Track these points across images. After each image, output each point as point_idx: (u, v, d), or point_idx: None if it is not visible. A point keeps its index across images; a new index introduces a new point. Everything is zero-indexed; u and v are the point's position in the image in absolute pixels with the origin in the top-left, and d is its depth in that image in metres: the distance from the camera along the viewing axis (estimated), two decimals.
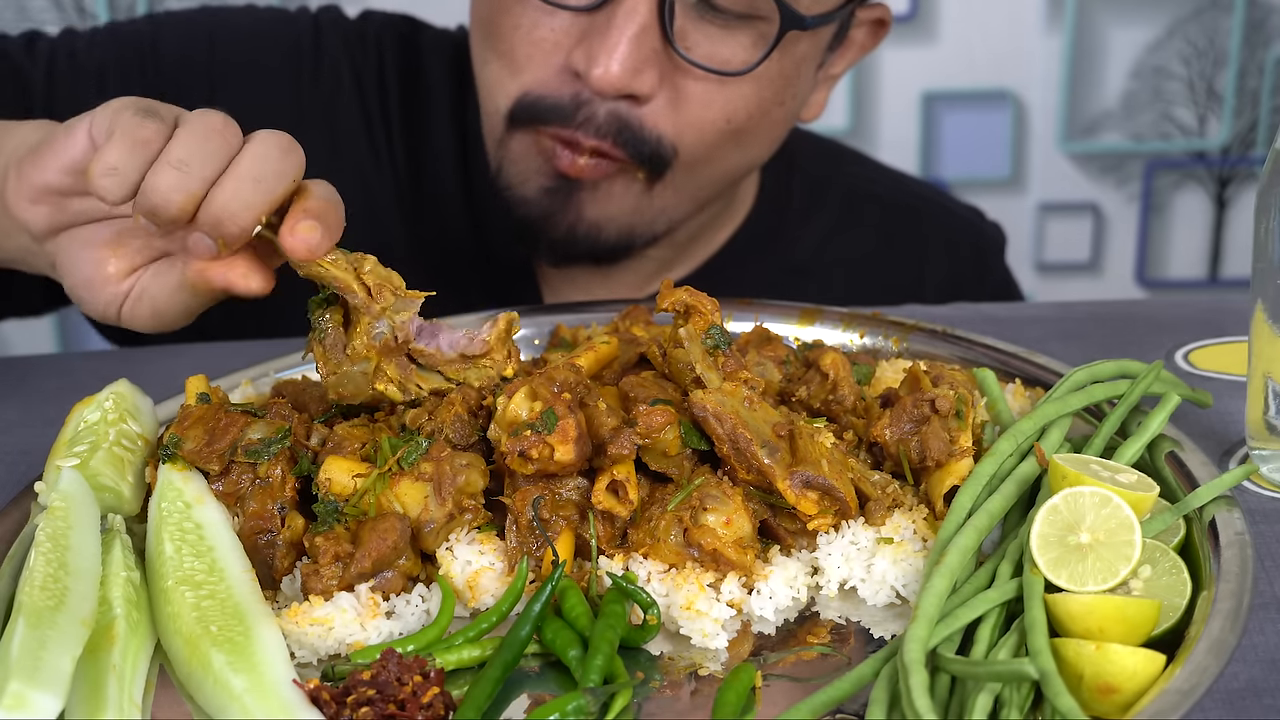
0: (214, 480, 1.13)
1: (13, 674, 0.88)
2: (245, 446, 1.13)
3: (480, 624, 1.04)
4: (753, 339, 1.31)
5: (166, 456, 1.14)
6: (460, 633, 1.04)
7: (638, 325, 1.35)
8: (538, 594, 1.03)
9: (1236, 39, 3.17)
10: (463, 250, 1.77)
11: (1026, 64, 3.17)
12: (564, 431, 1.07)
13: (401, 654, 0.98)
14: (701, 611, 1.05)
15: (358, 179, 1.75)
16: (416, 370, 1.17)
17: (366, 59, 1.77)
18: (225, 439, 1.13)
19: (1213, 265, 3.38)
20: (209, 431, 1.14)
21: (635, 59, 1.42)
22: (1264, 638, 1.01)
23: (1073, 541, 0.99)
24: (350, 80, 1.75)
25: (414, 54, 1.79)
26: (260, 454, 1.12)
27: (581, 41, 1.45)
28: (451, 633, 1.05)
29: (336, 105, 1.75)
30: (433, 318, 1.21)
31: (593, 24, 1.45)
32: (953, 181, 3.25)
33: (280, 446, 1.13)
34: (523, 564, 1.07)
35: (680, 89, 1.47)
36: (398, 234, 1.76)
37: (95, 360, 1.63)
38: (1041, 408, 1.17)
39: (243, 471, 1.13)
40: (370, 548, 1.07)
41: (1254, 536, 1.04)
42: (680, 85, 1.47)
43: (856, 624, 1.08)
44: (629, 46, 1.42)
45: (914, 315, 1.46)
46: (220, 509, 1.11)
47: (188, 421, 1.15)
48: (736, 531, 1.08)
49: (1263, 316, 1.15)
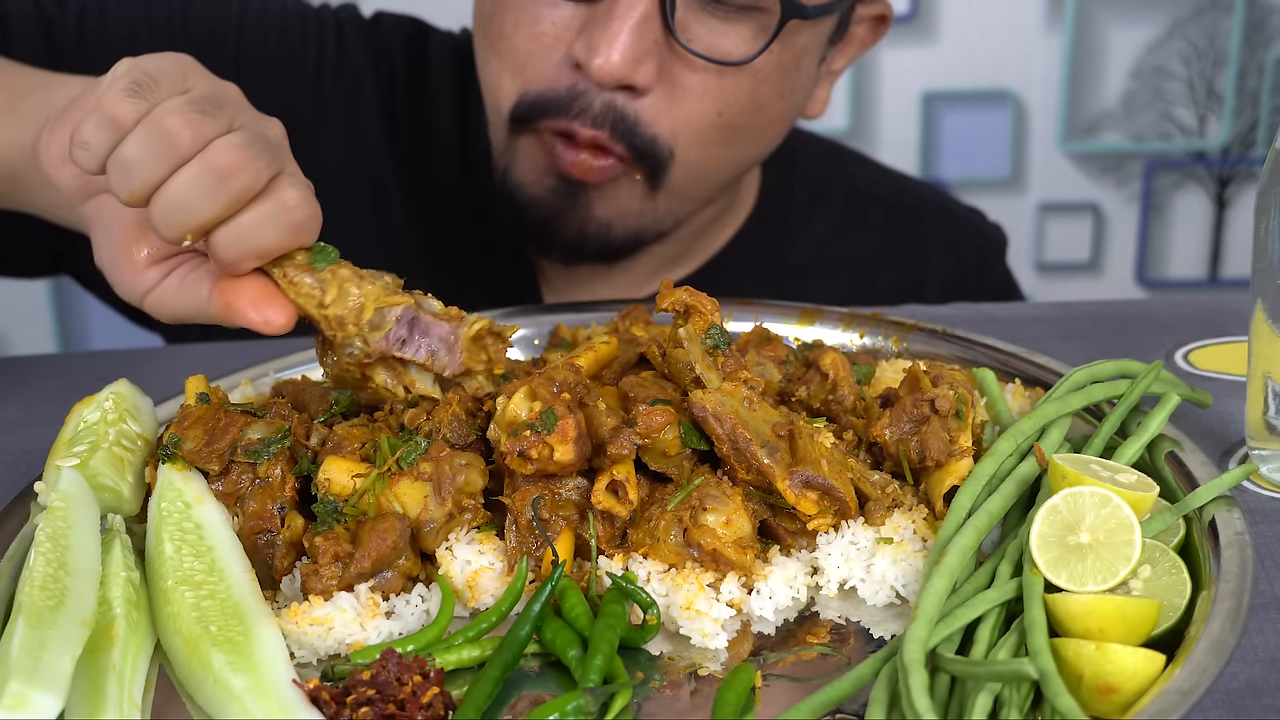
0: (214, 480, 1.13)
1: (12, 674, 0.88)
2: (245, 446, 1.13)
3: (480, 624, 1.04)
4: (752, 339, 1.31)
5: (166, 456, 1.14)
6: (460, 633, 1.04)
7: (637, 325, 1.35)
8: (537, 594, 1.03)
9: (1236, 39, 3.17)
10: (465, 248, 1.78)
11: (1026, 64, 3.18)
12: (563, 431, 1.07)
13: (401, 654, 0.98)
14: (701, 611, 1.05)
15: (370, 175, 1.76)
16: (407, 373, 1.15)
17: (380, 59, 1.78)
18: (225, 439, 1.13)
19: (1213, 265, 3.38)
20: (209, 431, 1.14)
21: (636, 49, 1.43)
22: (1264, 638, 1.01)
23: (1072, 541, 0.99)
24: (369, 79, 1.76)
25: (421, 57, 1.80)
26: (260, 454, 1.12)
27: (582, 32, 1.46)
28: (451, 633, 1.05)
29: (356, 103, 1.76)
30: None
31: (594, 15, 1.45)
32: (953, 181, 3.25)
33: (280, 446, 1.13)
34: (522, 564, 1.07)
35: (677, 82, 1.48)
36: (406, 231, 1.77)
37: (95, 360, 1.63)
38: (1041, 408, 1.17)
39: (242, 471, 1.13)
40: (370, 548, 1.07)
41: (1254, 536, 1.04)
42: (677, 78, 1.48)
43: (856, 624, 1.08)
44: (630, 36, 1.42)
45: (914, 315, 1.46)
46: (220, 509, 1.11)
47: (187, 421, 1.15)
48: (736, 531, 1.08)
49: (1263, 316, 1.15)
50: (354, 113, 1.76)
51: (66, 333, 3.27)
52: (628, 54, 1.42)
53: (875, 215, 1.89)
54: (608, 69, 1.42)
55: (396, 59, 1.78)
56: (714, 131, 1.52)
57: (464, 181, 1.76)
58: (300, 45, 1.76)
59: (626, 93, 1.47)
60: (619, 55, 1.42)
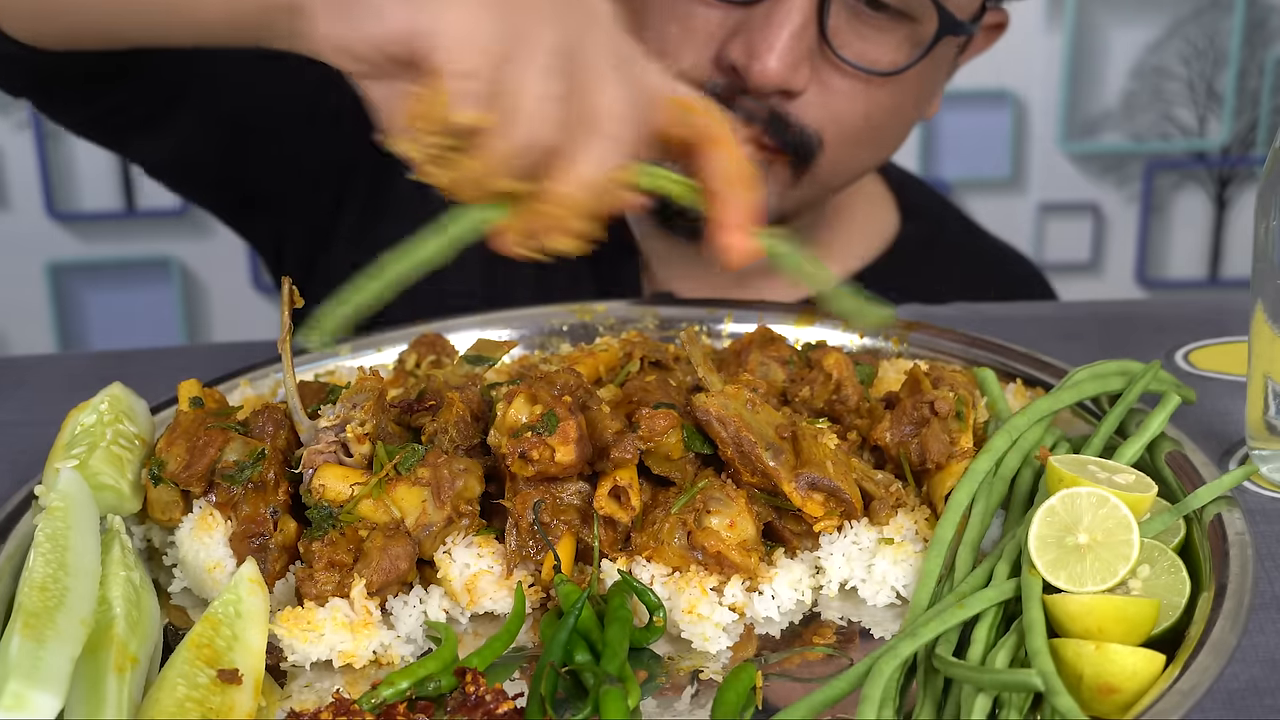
0: (203, 495, 1.12)
1: (12, 674, 0.88)
2: (222, 470, 1.12)
3: (495, 646, 1.04)
4: (756, 339, 1.31)
5: (155, 479, 1.13)
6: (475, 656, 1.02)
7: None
8: (563, 623, 1.02)
9: (1236, 39, 3.18)
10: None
11: (1026, 64, 3.18)
12: (564, 433, 1.07)
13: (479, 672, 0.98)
14: (703, 615, 1.05)
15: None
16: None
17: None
18: (203, 460, 1.12)
19: (1213, 265, 3.38)
20: (189, 450, 1.14)
21: (794, 55, 1.44)
22: (1264, 638, 1.01)
23: (1071, 542, 0.99)
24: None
25: None
26: (234, 479, 1.11)
27: (737, 35, 1.47)
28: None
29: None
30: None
31: (749, 19, 1.46)
32: (953, 181, 3.26)
33: (254, 471, 1.12)
34: (519, 589, 1.07)
35: (827, 84, 1.50)
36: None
37: (95, 360, 1.63)
38: (1035, 404, 1.17)
39: (232, 483, 1.12)
40: (380, 568, 1.06)
41: (1254, 536, 1.04)
42: (827, 81, 1.50)
43: (858, 624, 1.08)
44: (789, 43, 1.44)
45: (914, 315, 1.45)
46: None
47: (175, 434, 1.15)
48: (740, 534, 1.08)
49: (1263, 316, 1.15)
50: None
51: (66, 333, 3.27)
52: (786, 60, 1.44)
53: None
54: (767, 76, 1.44)
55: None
56: (861, 133, 1.54)
57: None
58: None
59: (782, 95, 1.49)
60: (777, 62, 1.44)
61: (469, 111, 0.94)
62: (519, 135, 0.96)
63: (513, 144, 0.96)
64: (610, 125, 0.98)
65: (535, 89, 0.96)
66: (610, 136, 0.98)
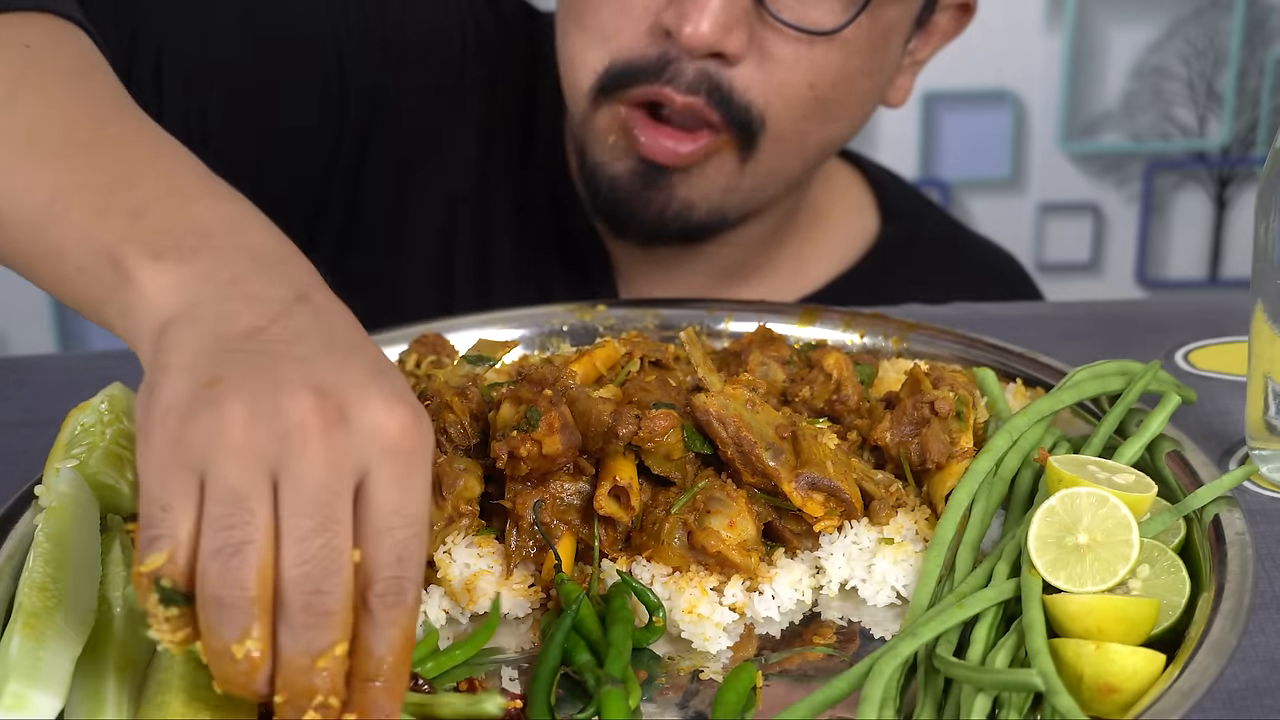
0: None
1: (12, 674, 0.88)
2: None
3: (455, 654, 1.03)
4: (756, 339, 1.31)
5: None
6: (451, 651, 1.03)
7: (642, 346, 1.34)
8: (560, 623, 1.03)
9: (1236, 39, 3.18)
10: (549, 232, 1.77)
11: (1026, 64, 3.18)
12: (549, 424, 1.07)
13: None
14: (704, 615, 1.05)
15: (471, 154, 1.75)
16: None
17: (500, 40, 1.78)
18: None
19: (1213, 265, 3.39)
20: None
21: (727, 16, 1.44)
22: (1264, 638, 1.01)
23: (1070, 542, 0.99)
24: (500, 62, 1.76)
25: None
26: None
27: (672, 2, 1.47)
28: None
29: (494, 87, 1.76)
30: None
31: None
32: (953, 181, 3.26)
33: None
34: (496, 601, 1.07)
35: (767, 51, 1.49)
36: (502, 210, 1.76)
37: (95, 360, 1.63)
38: (1035, 404, 1.17)
39: None
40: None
41: (1254, 536, 1.04)
42: (767, 48, 1.48)
43: (858, 624, 1.08)
44: (720, 4, 1.43)
45: (914, 315, 1.46)
46: None
47: None
48: (740, 534, 1.08)
49: (1263, 316, 1.15)
50: (494, 95, 1.75)
51: (66, 333, 3.27)
52: (718, 20, 1.43)
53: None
54: (699, 36, 1.43)
55: (514, 39, 1.78)
56: (807, 105, 1.52)
57: (551, 161, 1.75)
58: (447, 26, 1.74)
59: (718, 60, 1.48)
60: (708, 23, 1.43)
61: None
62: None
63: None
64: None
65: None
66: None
